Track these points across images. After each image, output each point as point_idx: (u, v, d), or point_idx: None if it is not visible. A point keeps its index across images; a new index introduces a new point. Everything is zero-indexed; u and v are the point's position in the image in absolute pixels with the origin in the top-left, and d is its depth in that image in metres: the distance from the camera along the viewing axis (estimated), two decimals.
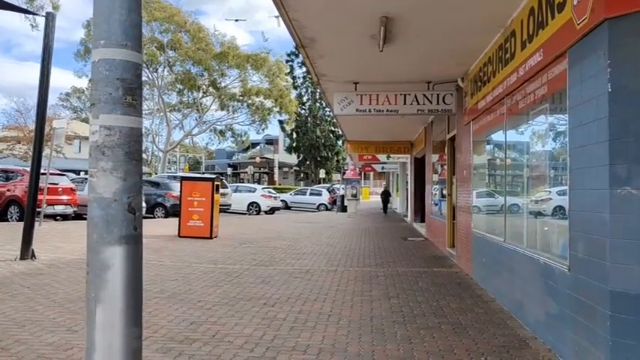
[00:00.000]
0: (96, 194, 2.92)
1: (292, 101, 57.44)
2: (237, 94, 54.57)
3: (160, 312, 6.64)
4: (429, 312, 6.87)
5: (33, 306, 6.70)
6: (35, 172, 10.00)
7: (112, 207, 2.90)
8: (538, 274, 5.70)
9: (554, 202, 5.72)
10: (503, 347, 5.44)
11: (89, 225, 2.94)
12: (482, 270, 8.43)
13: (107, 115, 2.92)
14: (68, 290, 7.66)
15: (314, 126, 73.91)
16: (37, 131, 10.14)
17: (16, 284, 7.96)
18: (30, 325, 5.89)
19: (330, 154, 75.33)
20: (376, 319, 6.48)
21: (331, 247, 14.18)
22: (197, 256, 11.61)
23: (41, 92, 10.17)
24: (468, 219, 9.69)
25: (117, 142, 2.93)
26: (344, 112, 10.49)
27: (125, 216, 2.93)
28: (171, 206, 22.74)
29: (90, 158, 2.97)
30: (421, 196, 21.69)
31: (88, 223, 2.96)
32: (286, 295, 7.77)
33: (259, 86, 53.95)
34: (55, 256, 10.64)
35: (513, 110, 6.89)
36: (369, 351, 5.27)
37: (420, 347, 5.40)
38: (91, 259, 2.92)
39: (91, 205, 2.94)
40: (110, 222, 2.90)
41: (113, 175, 2.91)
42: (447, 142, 12.40)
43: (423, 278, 9.36)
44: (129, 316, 2.96)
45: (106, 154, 2.91)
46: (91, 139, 2.95)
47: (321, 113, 74.44)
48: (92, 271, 2.90)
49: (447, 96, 10.39)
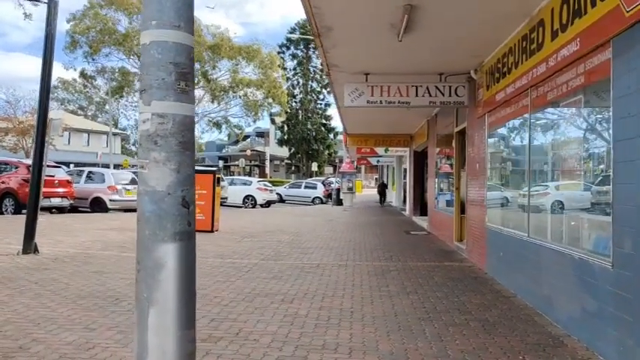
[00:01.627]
0: (147, 187, 2.72)
1: (284, 93, 57.09)
2: (227, 85, 54.12)
3: None
4: (452, 308, 6.71)
5: (44, 302, 6.47)
6: (38, 163, 9.73)
7: (165, 201, 2.71)
8: (571, 270, 5.55)
9: (589, 196, 5.56)
10: (538, 345, 5.29)
11: (140, 220, 2.74)
12: (500, 265, 8.29)
13: (160, 102, 2.72)
14: (78, 286, 7.43)
15: (305, 119, 73.58)
16: (39, 122, 9.87)
17: (22, 279, 7.72)
18: (45, 322, 5.67)
19: (321, 147, 75.08)
20: (400, 316, 6.31)
21: (335, 240, 14.01)
22: (201, 250, 11.39)
23: (43, 82, 9.90)
24: (481, 213, 9.54)
25: (170, 131, 2.73)
26: (354, 103, 10.30)
27: (179, 210, 2.74)
28: None
29: (140, 149, 2.76)
30: (421, 190, 21.59)
31: (139, 218, 2.75)
32: (302, 291, 7.58)
33: (250, 77, 53.52)
34: (58, 250, 10.39)
35: (539, 102, 6.73)
36: (401, 349, 5.10)
37: (452, 345, 5.24)
38: (143, 257, 2.71)
39: (141, 198, 2.73)
40: (163, 217, 2.70)
41: (166, 166, 2.71)
42: (455, 135, 12.24)
43: (437, 273, 9.21)
44: (183, 318, 2.77)
45: (159, 144, 2.71)
46: (142, 128, 2.74)
47: (312, 106, 74.16)
48: (144, 270, 2.69)
49: (459, 88, 10.22)
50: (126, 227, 15.36)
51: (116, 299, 6.76)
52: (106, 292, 7.10)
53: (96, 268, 8.76)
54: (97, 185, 20.15)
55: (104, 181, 20.20)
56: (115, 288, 7.39)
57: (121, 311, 6.20)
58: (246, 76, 53.53)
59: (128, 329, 5.50)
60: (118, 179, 20.52)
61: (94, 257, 9.81)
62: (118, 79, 54.44)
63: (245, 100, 54.88)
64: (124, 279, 8.01)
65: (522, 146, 7.63)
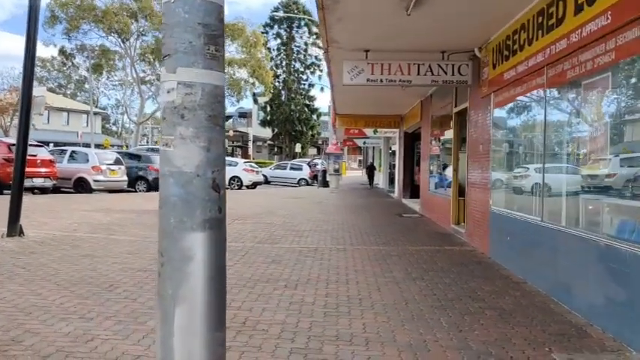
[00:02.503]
0: (173, 168, 2.36)
1: (269, 72, 56.30)
2: None
3: None
4: (463, 295, 6.45)
5: (35, 289, 6.07)
6: (22, 142, 9.25)
7: (194, 184, 2.35)
8: (595, 258, 5.30)
9: (616, 179, 5.29)
10: (562, 336, 5.04)
11: (164, 206, 2.38)
12: (506, 249, 8.05)
13: (186, 70, 2.35)
14: (68, 271, 7.04)
15: (289, 100, 72.88)
16: (23, 99, 9.36)
17: (9, 264, 7.30)
18: (37, 311, 5.29)
19: (304, 128, 74.48)
20: (411, 304, 6.03)
21: (328, 223, 13.71)
22: None
23: (27, 57, 9.36)
24: (484, 196, 9.28)
25: (199, 102, 2.36)
26: (354, 81, 9.93)
27: (209, 195, 2.38)
28: (153, 180, 21.95)
29: (164, 123, 2.39)
30: (411, 172, 21.35)
31: (163, 203, 2.39)
32: (304, 277, 7.28)
33: (233, 56, 52.61)
34: (44, 233, 9.94)
35: (557, 80, 6.43)
36: (420, 340, 4.82)
37: (472, 336, 4.97)
38: (168, 247, 2.36)
39: (165, 180, 2.37)
40: (192, 202, 2.35)
41: (195, 143, 2.35)
42: (454, 116, 11.94)
43: (439, 257, 8.96)
44: (213, 319, 2.43)
45: (186, 117, 2.34)
46: (166, 100, 2.37)
47: (295, 87, 73.41)
48: (169, 263, 2.34)
49: (462, 66, 9.89)
50: (112, 208, 14.91)
51: (110, 285, 6.39)
52: (98, 278, 6.72)
53: (85, 252, 8.36)
54: (80, 165, 19.57)
55: (88, 161, 19.61)
56: (108, 273, 7.01)
57: (117, 299, 5.84)
58: (229, 55, 52.62)
59: (127, 319, 5.16)
60: (102, 159, 19.94)
61: (82, 240, 9.40)
62: (98, 57, 53.23)
63: (228, 79, 54.03)
64: (116, 264, 7.64)
65: (536, 127, 7.34)
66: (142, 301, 5.79)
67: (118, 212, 14.04)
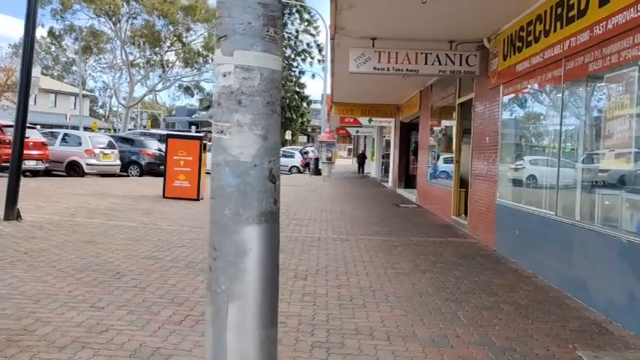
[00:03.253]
0: (229, 156, 2.22)
1: None
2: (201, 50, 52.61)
3: (186, 285, 5.96)
4: (476, 289, 6.37)
5: (40, 276, 5.90)
6: (21, 123, 9.02)
7: (251, 174, 2.21)
8: (616, 254, 5.23)
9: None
10: (583, 332, 4.98)
11: (218, 196, 2.25)
12: (514, 243, 7.99)
13: (244, 52, 2.20)
14: (71, 257, 6.86)
15: None
16: (22, 79, 9.11)
17: (10, 249, 7.11)
18: (45, 299, 5.13)
19: (294, 115, 74.16)
20: (425, 297, 5.95)
21: (326, 212, 13.60)
22: (193, 219, 10.87)
23: (27, 38, 9.10)
24: (490, 188, 9.21)
25: (257, 88, 2.22)
26: (360, 69, 9.78)
27: (266, 186, 2.25)
28: (146, 164, 21.70)
29: (218, 109, 2.25)
30: (406, 162, 21.29)
31: (216, 194, 2.26)
32: (313, 267, 7.17)
33: None
34: (41, 217, 9.73)
35: (576, 73, 6.33)
36: (442, 335, 4.74)
37: (493, 331, 4.90)
38: (222, 241, 2.23)
39: (220, 170, 2.24)
40: (248, 193, 2.21)
41: (252, 131, 2.21)
42: (457, 106, 11.85)
43: (444, 249, 8.89)
44: (267, 315, 2.31)
45: (244, 103, 2.20)
46: (221, 84, 2.22)
47: (286, 73, 72.98)
48: (223, 258, 2.21)
49: (470, 57, 9.77)
50: (107, 193, 14.68)
51: (117, 273, 6.24)
52: (104, 266, 6.56)
53: (86, 238, 8.18)
54: (73, 148, 19.24)
55: (81, 144, 19.28)
56: (113, 261, 6.85)
57: (125, 287, 5.69)
58: None
59: (139, 308, 5.02)
60: (96, 143, 19.62)
61: (81, 225, 9.21)
62: (88, 38, 52.50)
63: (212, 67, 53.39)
64: (119, 250, 7.47)
65: (551, 119, 7.25)
66: (152, 290, 5.65)
67: (114, 197, 13.82)
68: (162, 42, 50.80)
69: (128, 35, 50.04)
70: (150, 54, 52.39)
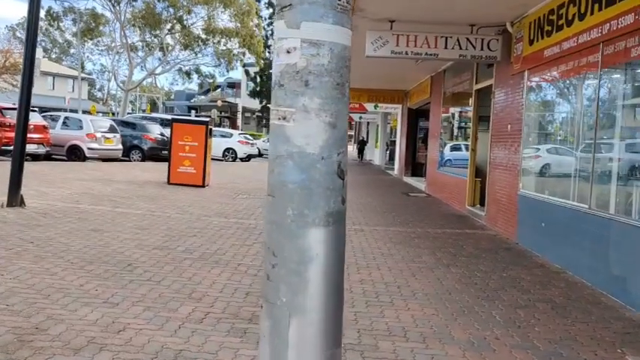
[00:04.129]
0: (292, 147, 1.88)
1: (261, 42, 55.08)
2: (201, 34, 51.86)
3: (202, 278, 5.65)
4: (506, 285, 6.07)
5: (48, 268, 5.58)
6: (25, 106, 8.66)
7: (318, 168, 1.87)
8: None
9: None
10: (628, 335, 4.70)
11: (278, 194, 1.91)
12: (539, 236, 7.68)
13: (314, 25, 1.85)
14: (79, 247, 6.54)
15: None
16: (25, 61, 8.72)
17: (15, 237, 6.78)
18: (56, 294, 4.81)
19: None
20: (455, 294, 5.64)
21: None
22: (201, 207, 10.54)
23: (30, 19, 8.72)
24: (511, 178, 8.89)
25: (327, 66, 1.87)
26: (377, 53, 9.41)
27: (334, 182, 1.91)
28: (148, 149, 21.30)
29: (279, 92, 1.90)
30: (413, 149, 20.97)
31: (275, 190, 1.92)
32: None
33: (225, 26, 51.30)
34: (45, 203, 9.40)
35: (617, 58, 5.99)
36: (480, 337, 4.43)
37: (533, 333, 4.60)
38: (283, 245, 1.89)
39: (281, 163, 1.90)
40: (314, 191, 1.88)
41: (320, 118, 1.87)
42: (474, 93, 11.49)
43: (464, 241, 8.59)
44: (332, 332, 1.98)
45: (311, 85, 1.86)
46: (284, 61, 1.88)
47: None
48: (284, 265, 1.88)
49: (492, 41, 9.41)
50: (110, 178, 14.33)
51: (128, 265, 5.92)
52: (113, 256, 6.24)
53: (93, 226, 7.86)
54: (74, 132, 18.81)
55: (82, 127, 18.86)
56: (123, 251, 6.53)
57: (139, 281, 5.38)
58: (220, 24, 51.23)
59: (156, 305, 4.71)
60: (97, 127, 19.20)
61: (87, 213, 8.89)
62: (87, 21, 51.76)
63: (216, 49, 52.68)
64: (128, 240, 7.16)
65: (585, 107, 6.91)
66: (167, 284, 5.34)
67: (117, 183, 13.48)
68: (162, 25, 50.09)
69: (128, 18, 49.33)
70: (150, 37, 51.73)
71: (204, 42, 52.45)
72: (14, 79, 36.09)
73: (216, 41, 52.37)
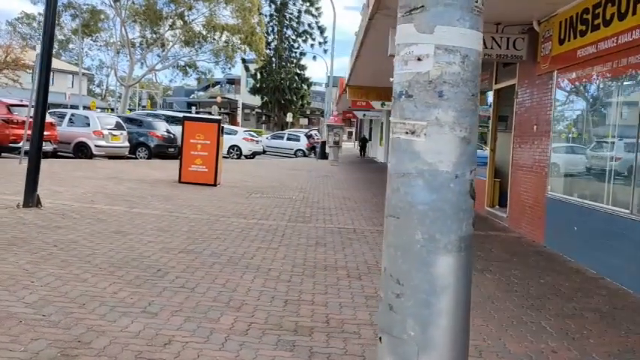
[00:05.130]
0: (422, 164, 1.69)
1: (262, 39, 54.77)
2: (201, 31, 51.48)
3: (236, 285, 5.46)
4: (547, 293, 5.91)
5: (77, 273, 5.39)
6: (42, 103, 8.46)
7: (451, 188, 1.69)
8: None
9: None
10: None
11: (404, 215, 1.72)
12: (571, 240, 7.52)
13: (449, 29, 1.66)
14: (104, 251, 6.34)
15: (279, 67, 71.60)
16: (42, 56, 8.52)
17: (38, 240, 6.58)
18: (91, 303, 4.62)
19: (294, 97, 73.41)
20: (498, 302, 5.47)
21: (349, 200, 13.11)
22: (217, 207, 10.35)
23: (48, 9, 8.52)
24: (538, 180, 8.71)
25: (463, 76, 1.69)
26: None
27: (467, 203, 1.74)
28: (155, 146, 21.06)
29: (407, 103, 1.72)
30: None
31: (402, 211, 1.74)
32: (361, 263, 6.69)
33: (226, 22, 50.94)
34: (61, 204, 9.19)
35: None
36: (537, 351, 4.26)
37: (590, 346, 4.43)
38: (410, 273, 1.71)
39: (409, 182, 1.71)
40: (446, 213, 1.69)
41: (454, 132, 1.68)
42: (494, 93, 11.32)
43: (491, 245, 8.43)
44: None
45: (446, 96, 1.67)
46: (413, 70, 1.69)
47: (286, 55, 72.10)
48: (413, 295, 1.69)
49: (517, 40, 9.22)
50: (120, 177, 14.11)
51: (158, 270, 5.73)
52: (141, 261, 6.05)
53: (113, 228, 7.66)
54: (80, 129, 18.55)
55: (89, 124, 18.60)
56: (149, 255, 6.34)
57: (173, 288, 5.19)
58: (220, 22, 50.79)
59: (196, 314, 4.53)
60: (104, 123, 18.98)
61: (104, 213, 8.69)
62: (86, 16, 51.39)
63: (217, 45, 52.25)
64: (152, 242, 6.96)
65: (625, 109, 6.74)
66: (202, 291, 5.16)
67: (128, 181, 13.27)
68: (163, 21, 49.73)
69: (128, 14, 48.97)
70: (150, 33, 51.37)
71: (205, 38, 52.11)
72: (15, 74, 35.78)
73: (217, 37, 52.03)
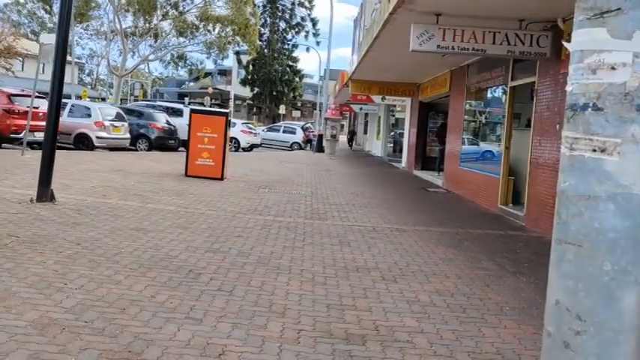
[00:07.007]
0: (615, 187, 1.52)
1: (256, 30, 54.31)
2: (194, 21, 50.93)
3: (273, 287, 5.29)
4: None
5: (109, 275, 5.18)
6: (57, 93, 8.19)
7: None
8: None
9: None
10: None
11: (588, 243, 1.56)
12: None
13: None
14: (130, 250, 6.13)
15: (272, 59, 71.18)
16: (58, 45, 8.25)
17: (59, 239, 6.34)
18: (130, 307, 4.42)
19: (286, 89, 73.06)
20: (543, 309, 5.32)
21: (358, 196, 12.93)
22: (230, 202, 10.15)
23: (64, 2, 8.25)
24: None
25: None
26: (423, 47, 9.04)
27: None
28: (155, 138, 20.75)
29: (594, 115, 1.54)
30: (423, 143, 20.70)
31: (584, 237, 1.57)
32: (393, 265, 6.53)
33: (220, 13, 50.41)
34: (73, 198, 8.94)
35: None
36: None
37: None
38: (594, 308, 1.55)
39: (595, 206, 1.54)
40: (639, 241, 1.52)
41: None
42: (510, 90, 11.19)
43: (514, 245, 8.33)
44: None
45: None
46: (605, 80, 1.52)
47: (279, 46, 71.65)
48: (598, 334, 1.54)
49: (541, 37, 9.08)
50: (126, 170, 13.82)
51: (190, 271, 5.54)
52: (170, 261, 5.85)
53: (133, 224, 7.45)
54: (81, 120, 18.19)
55: (90, 115, 18.24)
56: (176, 254, 6.14)
57: (210, 291, 5.00)
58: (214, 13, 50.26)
59: (241, 320, 4.35)
60: (105, 114, 18.64)
61: (120, 209, 8.45)
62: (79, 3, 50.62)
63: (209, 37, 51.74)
64: (175, 241, 6.77)
65: None
66: (241, 295, 4.98)
67: (135, 175, 13.00)
68: (156, 10, 49.12)
69: (122, 3, 48.30)
70: (143, 23, 50.72)
71: (197, 29, 51.60)
72: (8, 62, 35.14)
73: (210, 29, 51.47)
